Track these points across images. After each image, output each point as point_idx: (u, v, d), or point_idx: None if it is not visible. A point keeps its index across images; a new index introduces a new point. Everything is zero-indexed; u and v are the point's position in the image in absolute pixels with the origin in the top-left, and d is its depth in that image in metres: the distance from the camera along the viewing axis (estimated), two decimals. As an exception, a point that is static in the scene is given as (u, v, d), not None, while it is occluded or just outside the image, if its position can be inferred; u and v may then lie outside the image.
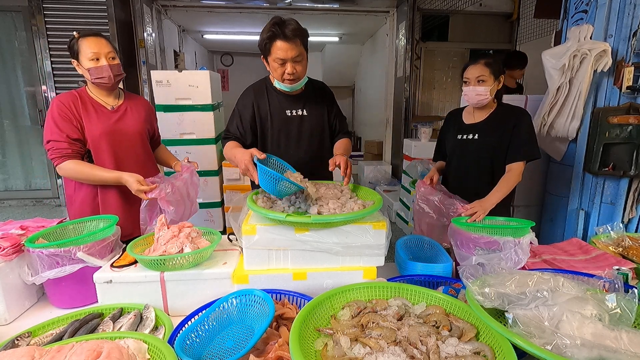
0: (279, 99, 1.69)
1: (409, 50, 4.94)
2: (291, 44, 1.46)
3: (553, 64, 2.28)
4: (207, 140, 3.54)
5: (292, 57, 1.49)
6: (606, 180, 2.24)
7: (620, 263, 1.35)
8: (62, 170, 1.55)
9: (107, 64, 1.55)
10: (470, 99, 1.76)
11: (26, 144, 4.71)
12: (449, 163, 1.97)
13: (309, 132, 1.73)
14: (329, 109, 1.79)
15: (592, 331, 0.80)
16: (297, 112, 1.70)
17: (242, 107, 1.68)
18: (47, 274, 1.16)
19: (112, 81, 1.59)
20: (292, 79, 1.55)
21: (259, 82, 1.74)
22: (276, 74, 1.56)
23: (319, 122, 1.75)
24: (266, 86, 1.71)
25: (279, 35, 1.45)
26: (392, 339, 0.88)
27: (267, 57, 1.54)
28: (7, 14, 4.34)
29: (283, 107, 1.69)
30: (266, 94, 1.69)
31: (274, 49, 1.48)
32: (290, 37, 1.45)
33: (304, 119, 1.71)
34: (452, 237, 1.47)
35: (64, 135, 1.53)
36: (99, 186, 1.62)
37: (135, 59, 4.48)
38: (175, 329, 0.99)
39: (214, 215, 3.71)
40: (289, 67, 1.51)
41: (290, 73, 1.52)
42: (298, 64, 1.53)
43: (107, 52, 1.56)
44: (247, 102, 1.68)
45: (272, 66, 1.55)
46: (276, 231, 1.17)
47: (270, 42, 1.47)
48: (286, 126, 1.69)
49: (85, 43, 1.53)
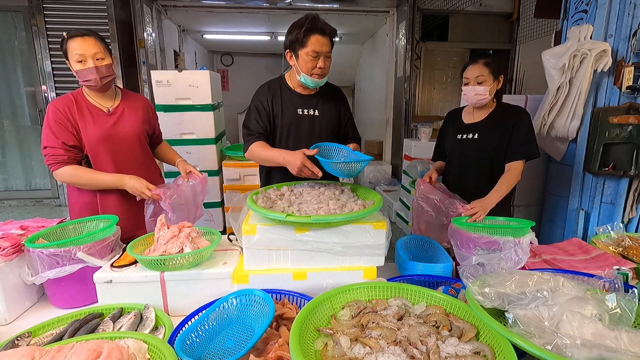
0: (292, 98, 1.70)
1: (409, 50, 4.94)
2: (326, 39, 1.53)
3: (553, 64, 2.28)
4: (207, 140, 3.54)
5: (325, 52, 1.54)
6: (606, 180, 2.24)
7: (620, 263, 1.35)
8: (59, 176, 1.54)
9: (93, 65, 1.49)
10: (470, 98, 1.76)
11: (26, 144, 4.71)
12: (449, 163, 1.97)
13: (319, 132, 1.73)
14: (343, 114, 1.81)
15: (592, 331, 0.80)
16: (308, 111, 1.71)
17: (259, 103, 1.69)
18: (47, 274, 1.16)
19: (99, 83, 1.53)
20: (321, 73, 1.58)
21: (274, 80, 1.76)
22: (305, 68, 1.57)
23: (330, 123, 1.75)
24: (281, 84, 1.72)
25: (318, 29, 1.51)
26: (392, 339, 0.88)
27: (299, 50, 1.55)
28: (7, 14, 4.34)
29: (295, 105, 1.70)
30: (280, 91, 1.70)
31: (310, 42, 1.51)
32: (326, 32, 1.53)
33: (315, 119, 1.72)
34: (452, 237, 1.47)
35: (60, 142, 1.51)
36: (98, 192, 1.61)
37: (135, 59, 4.48)
38: (176, 329, 0.99)
39: (214, 215, 3.71)
40: (320, 62, 1.55)
41: (322, 67, 1.56)
42: (327, 60, 1.58)
43: (94, 53, 1.49)
44: (262, 97, 1.69)
45: (303, 60, 1.55)
46: (276, 231, 1.17)
47: (307, 35, 1.51)
48: (296, 125, 1.70)
49: (72, 44, 1.48)
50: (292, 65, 1.64)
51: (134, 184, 1.52)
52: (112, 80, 1.60)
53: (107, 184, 1.56)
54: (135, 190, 1.53)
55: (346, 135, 1.83)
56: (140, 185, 1.52)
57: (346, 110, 1.83)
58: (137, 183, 1.53)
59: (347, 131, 1.83)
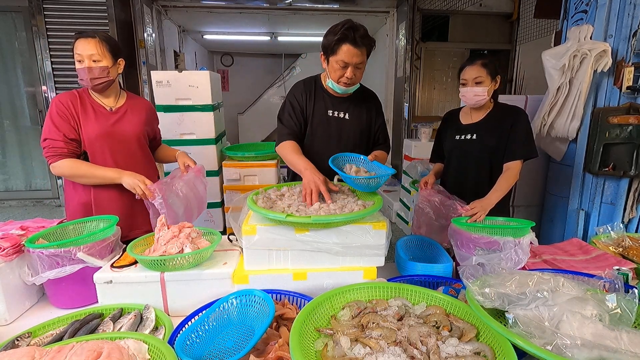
0: (325, 98, 1.70)
1: (409, 51, 4.94)
2: (358, 50, 1.48)
3: (553, 64, 2.28)
4: (207, 140, 3.54)
5: (355, 63, 1.51)
6: (606, 180, 2.24)
7: (621, 263, 1.35)
8: (56, 168, 1.54)
9: (87, 66, 1.51)
10: (469, 99, 1.76)
11: (26, 144, 4.71)
12: (448, 164, 1.97)
13: (347, 136, 1.72)
14: (375, 119, 1.79)
15: (592, 331, 0.80)
16: (339, 114, 1.71)
17: (293, 99, 1.69)
18: (47, 274, 1.16)
19: (90, 84, 1.54)
20: (348, 83, 1.57)
21: (310, 78, 1.76)
22: (334, 75, 1.56)
23: (359, 127, 1.74)
24: (315, 83, 1.72)
25: (350, 39, 1.46)
26: (392, 339, 0.88)
27: (330, 57, 1.54)
28: (7, 14, 4.34)
29: (327, 106, 1.70)
30: (314, 90, 1.70)
31: (341, 51, 1.48)
32: (359, 43, 1.47)
33: (345, 122, 1.71)
34: (452, 237, 1.47)
35: (61, 134, 1.52)
36: (92, 188, 1.60)
37: (136, 59, 4.48)
38: (176, 329, 0.99)
39: (214, 215, 3.70)
40: (349, 72, 1.52)
41: (349, 77, 1.54)
42: (358, 70, 1.55)
43: (91, 55, 1.51)
44: (298, 95, 1.69)
45: (332, 67, 1.55)
46: (276, 231, 1.17)
47: (339, 44, 1.48)
48: (325, 126, 1.70)
49: (76, 44, 1.52)
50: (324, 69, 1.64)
51: (129, 179, 1.52)
52: (108, 82, 1.58)
53: (105, 178, 1.56)
54: (130, 185, 1.52)
55: (377, 141, 1.82)
56: (135, 181, 1.52)
57: (379, 115, 1.81)
58: (133, 178, 1.52)
59: (377, 137, 1.82)
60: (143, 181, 1.52)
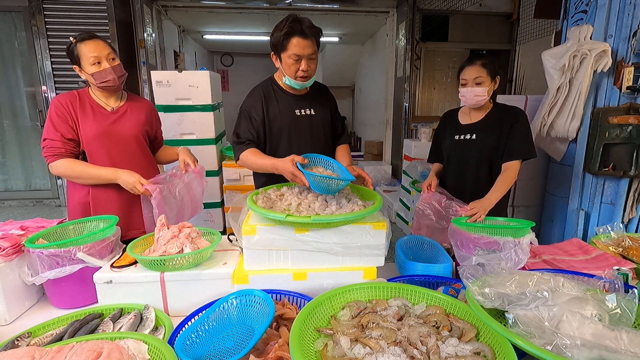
0: (287, 99, 1.69)
1: (409, 51, 4.94)
2: (308, 41, 1.49)
3: (553, 64, 2.28)
4: (207, 140, 3.54)
5: (308, 55, 1.52)
6: (606, 180, 2.24)
7: (620, 263, 1.35)
8: (54, 168, 1.55)
9: (109, 66, 1.54)
10: (469, 100, 1.76)
11: (26, 144, 4.71)
12: (447, 164, 1.97)
13: (318, 131, 1.74)
14: (332, 111, 1.82)
15: (592, 331, 0.80)
16: (305, 111, 1.71)
17: (251, 109, 1.65)
18: (47, 274, 1.16)
19: (117, 83, 1.57)
20: (305, 76, 1.57)
21: (265, 82, 1.73)
22: (289, 71, 1.56)
23: (325, 122, 1.77)
24: (272, 86, 1.70)
25: (297, 31, 1.47)
26: (392, 339, 0.88)
27: (281, 54, 1.54)
28: (7, 14, 4.34)
29: (292, 107, 1.69)
30: (274, 94, 1.68)
31: (291, 45, 1.49)
32: (307, 34, 1.48)
33: (313, 118, 1.72)
34: (452, 237, 1.47)
35: (59, 134, 1.53)
36: (90, 187, 1.61)
37: (136, 59, 4.48)
38: (176, 329, 0.99)
39: (214, 215, 3.71)
40: (303, 64, 1.53)
41: (305, 70, 1.54)
42: (312, 62, 1.55)
43: (107, 54, 1.53)
44: (256, 103, 1.66)
45: (285, 63, 1.54)
46: (276, 231, 1.17)
47: (288, 38, 1.48)
48: (296, 126, 1.69)
49: (85, 47, 1.51)
50: (277, 68, 1.63)
51: (126, 178, 1.52)
52: (124, 79, 1.63)
53: (101, 177, 1.56)
54: (127, 184, 1.52)
55: (337, 131, 1.85)
56: (133, 179, 1.51)
57: (335, 108, 1.85)
58: (130, 177, 1.52)
59: (337, 127, 1.85)
60: (139, 180, 1.52)
